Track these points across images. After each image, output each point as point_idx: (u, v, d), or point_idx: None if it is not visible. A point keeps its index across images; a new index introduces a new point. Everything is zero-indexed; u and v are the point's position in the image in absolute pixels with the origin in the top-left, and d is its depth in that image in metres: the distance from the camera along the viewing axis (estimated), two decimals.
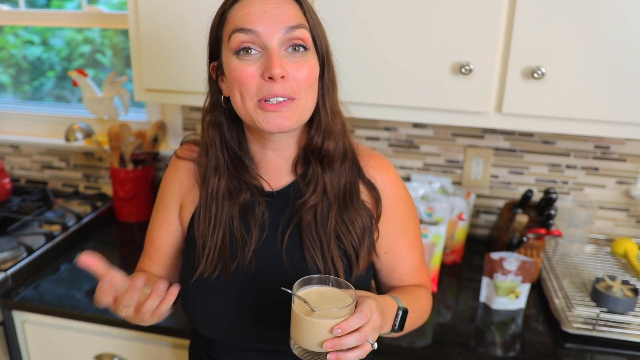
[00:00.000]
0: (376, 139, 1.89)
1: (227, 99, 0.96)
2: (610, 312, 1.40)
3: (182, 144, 1.12)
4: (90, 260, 0.87)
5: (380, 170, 1.05)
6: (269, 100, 0.88)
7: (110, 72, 1.99)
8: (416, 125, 1.86)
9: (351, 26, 1.39)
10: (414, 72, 1.40)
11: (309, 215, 0.99)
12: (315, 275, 0.88)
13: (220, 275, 1.00)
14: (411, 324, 1.02)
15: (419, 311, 1.05)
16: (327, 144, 0.98)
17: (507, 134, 1.80)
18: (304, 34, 0.90)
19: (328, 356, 0.80)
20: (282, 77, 0.87)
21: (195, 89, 1.54)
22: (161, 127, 1.97)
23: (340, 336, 0.79)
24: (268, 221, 1.01)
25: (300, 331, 0.83)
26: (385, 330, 0.92)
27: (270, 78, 0.87)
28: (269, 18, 0.87)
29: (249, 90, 0.89)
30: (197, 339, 1.14)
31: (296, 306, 0.83)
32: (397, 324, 0.93)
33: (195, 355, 1.14)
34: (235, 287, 1.00)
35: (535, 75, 1.31)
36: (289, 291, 0.84)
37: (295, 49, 0.89)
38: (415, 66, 1.39)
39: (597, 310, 1.39)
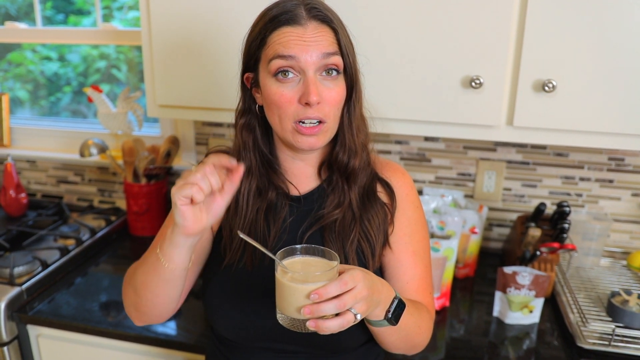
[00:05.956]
0: (388, 152, 1.89)
1: (261, 108, 1.03)
2: (626, 327, 1.37)
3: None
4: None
5: (395, 173, 1.12)
6: (304, 122, 0.96)
7: (124, 88, 2.01)
8: (428, 139, 1.85)
9: (363, 41, 1.39)
10: (425, 86, 1.40)
11: (332, 223, 1.04)
12: (301, 245, 0.88)
13: (244, 268, 1.03)
14: (408, 328, 0.98)
15: (418, 320, 1.01)
16: (352, 162, 1.05)
17: (520, 146, 1.80)
18: (338, 60, 0.96)
19: (307, 323, 0.80)
20: (318, 103, 0.94)
21: (207, 104, 1.56)
22: (174, 142, 1.99)
23: (318, 302, 0.79)
24: (290, 225, 1.05)
25: (281, 298, 0.84)
26: (378, 313, 0.90)
27: (306, 103, 0.94)
28: (307, 46, 0.93)
29: (287, 113, 0.96)
30: (215, 343, 1.14)
31: (278, 273, 0.83)
32: (391, 311, 0.90)
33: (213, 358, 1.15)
34: (255, 285, 1.02)
35: (546, 88, 1.31)
36: (271, 254, 0.85)
37: (328, 72, 0.96)
38: (426, 80, 1.40)
39: (612, 325, 1.37)
